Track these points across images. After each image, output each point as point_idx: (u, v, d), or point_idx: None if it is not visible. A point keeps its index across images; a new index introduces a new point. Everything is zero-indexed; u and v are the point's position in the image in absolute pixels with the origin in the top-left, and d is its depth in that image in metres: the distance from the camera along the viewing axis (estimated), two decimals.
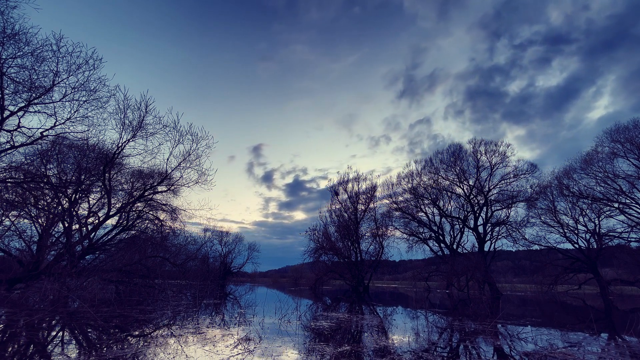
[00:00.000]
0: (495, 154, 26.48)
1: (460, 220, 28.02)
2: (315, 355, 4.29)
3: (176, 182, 15.92)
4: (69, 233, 13.91)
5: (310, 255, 26.18)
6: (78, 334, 5.44)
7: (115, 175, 15.56)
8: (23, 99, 10.48)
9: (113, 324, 6.34)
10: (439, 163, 28.51)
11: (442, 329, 7.00)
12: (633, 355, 4.65)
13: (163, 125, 13.97)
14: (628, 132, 21.40)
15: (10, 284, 11.35)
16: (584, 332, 6.76)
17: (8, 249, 13.47)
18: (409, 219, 29.46)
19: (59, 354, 4.06)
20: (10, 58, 9.70)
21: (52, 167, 13.67)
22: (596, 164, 22.86)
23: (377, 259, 26.36)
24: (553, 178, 25.47)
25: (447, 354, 4.63)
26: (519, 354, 4.67)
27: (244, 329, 6.14)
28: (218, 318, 7.74)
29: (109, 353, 4.02)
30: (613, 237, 23.53)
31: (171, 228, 18.07)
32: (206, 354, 4.10)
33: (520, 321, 8.53)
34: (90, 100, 11.53)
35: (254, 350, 4.41)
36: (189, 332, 5.67)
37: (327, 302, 14.39)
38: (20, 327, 5.62)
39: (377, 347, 4.94)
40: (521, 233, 25.70)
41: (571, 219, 24.98)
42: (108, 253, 15.44)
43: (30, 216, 13.58)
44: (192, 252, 26.18)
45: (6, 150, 10.86)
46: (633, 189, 21.45)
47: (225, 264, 38.61)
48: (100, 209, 16.09)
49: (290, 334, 5.75)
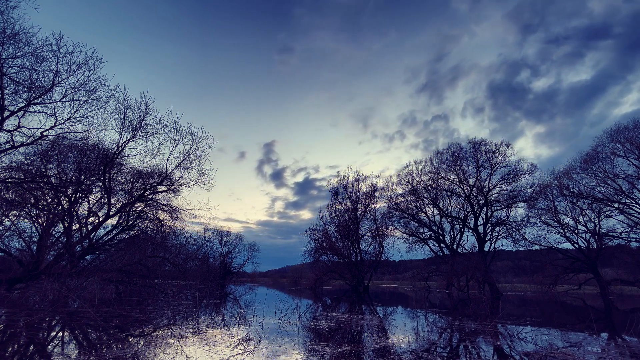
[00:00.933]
0: (495, 154, 26.49)
1: (460, 220, 28.03)
2: (315, 355, 4.29)
3: (176, 182, 15.94)
4: (69, 233, 13.92)
5: (310, 255, 26.21)
6: (78, 334, 5.44)
7: (115, 175, 15.56)
8: (23, 99, 10.48)
9: (113, 324, 6.34)
10: (439, 163, 28.54)
11: (442, 329, 7.00)
12: (633, 355, 4.65)
13: (163, 125, 13.99)
14: (628, 132, 21.39)
15: (10, 284, 11.35)
16: (584, 332, 6.76)
17: (8, 249, 13.47)
18: (409, 219, 29.47)
19: (59, 354, 4.05)
20: (10, 58, 9.70)
21: (52, 167, 13.67)
22: (596, 164, 22.86)
23: (377, 259, 26.36)
24: (553, 178, 25.50)
25: (447, 354, 4.63)
26: (519, 354, 4.67)
27: (244, 329, 6.14)
28: (218, 318, 7.73)
29: (109, 353, 4.02)
30: (613, 237, 23.53)
31: (171, 228, 18.08)
32: (206, 354, 4.10)
33: (520, 321, 8.52)
34: (90, 100, 11.54)
35: (254, 350, 4.41)
36: (189, 332, 5.67)
37: (327, 302, 14.39)
38: (20, 327, 5.61)
39: (377, 347, 4.94)
40: (521, 233, 25.72)
41: (571, 219, 25.00)
42: (108, 253, 15.45)
43: (30, 216, 13.58)
44: (192, 252, 26.20)
45: (6, 150, 10.87)
46: (633, 189, 21.44)
47: (225, 264, 38.62)
48: (100, 209, 16.11)
49: (290, 334, 5.74)
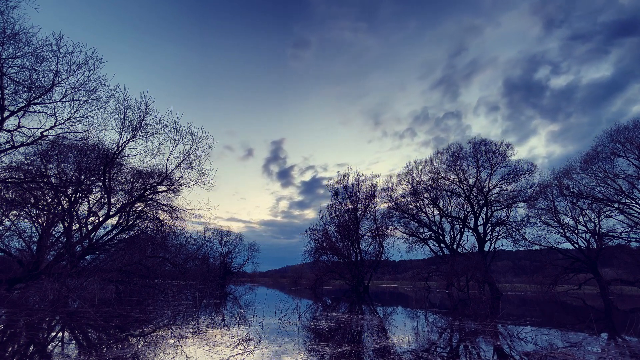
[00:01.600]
0: (495, 154, 26.49)
1: (460, 220, 28.03)
2: (315, 355, 4.29)
3: (176, 182, 15.94)
4: (69, 233, 13.92)
5: (310, 255, 26.21)
6: (78, 334, 5.44)
7: (115, 175, 15.56)
8: (23, 99, 10.48)
9: (113, 324, 6.34)
10: (439, 163, 28.55)
11: (442, 329, 6.99)
12: (633, 355, 4.65)
13: (163, 125, 14.00)
14: (628, 132, 21.39)
15: (10, 284, 11.35)
16: (584, 332, 6.76)
17: (8, 249, 13.47)
18: (409, 219, 29.47)
19: (59, 354, 4.05)
20: (10, 58, 9.70)
21: (52, 167, 13.67)
22: (596, 164, 22.86)
23: (377, 259, 26.36)
24: (553, 178, 25.51)
25: (447, 354, 4.63)
26: (519, 354, 4.67)
27: (244, 329, 6.14)
28: (218, 318, 7.73)
29: (109, 353, 4.02)
30: (613, 237, 23.52)
31: (171, 228, 18.07)
32: (206, 354, 4.10)
33: (520, 321, 8.52)
34: (90, 100, 11.54)
35: (254, 350, 4.41)
36: (189, 332, 5.67)
37: (327, 302, 14.39)
38: (20, 327, 5.61)
39: (377, 347, 4.94)
40: (521, 233, 25.72)
41: (571, 219, 25.00)
42: (108, 253, 15.44)
43: (30, 216, 13.58)
44: (192, 252, 26.19)
45: (6, 150, 10.87)
46: (633, 188, 21.43)
47: (225, 264, 38.63)
48: (100, 209, 16.11)
49: (290, 334, 5.74)
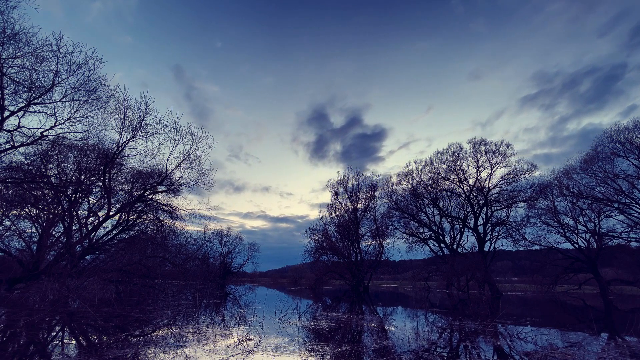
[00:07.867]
0: (495, 154, 26.45)
1: (460, 220, 28.01)
2: (315, 355, 4.29)
3: (176, 182, 15.94)
4: (69, 233, 13.92)
5: (311, 255, 26.23)
6: (78, 334, 5.44)
7: (115, 175, 15.56)
8: (23, 99, 10.48)
9: (113, 324, 6.34)
10: (439, 163, 28.51)
11: (442, 329, 6.99)
12: (633, 355, 4.65)
13: (163, 125, 14.00)
14: (628, 132, 21.41)
15: (10, 284, 11.34)
16: (584, 332, 6.76)
17: (8, 249, 13.47)
18: (409, 219, 29.45)
19: (59, 354, 4.05)
20: (10, 58, 9.70)
21: (52, 167, 13.67)
22: (596, 164, 22.85)
23: (377, 259, 26.37)
24: (553, 178, 25.52)
25: (447, 354, 4.63)
26: (519, 354, 4.67)
27: (244, 329, 6.14)
28: (218, 318, 7.73)
29: (109, 353, 4.02)
30: (613, 237, 23.54)
31: (171, 228, 18.08)
32: (206, 354, 4.10)
33: (520, 321, 8.52)
34: (90, 100, 11.55)
35: (254, 350, 4.41)
36: (189, 332, 5.67)
37: (327, 302, 14.38)
38: (20, 327, 5.61)
39: (377, 347, 4.94)
40: (521, 233, 25.70)
41: (571, 219, 25.01)
42: (108, 253, 15.44)
43: (30, 216, 13.58)
44: (192, 252, 26.23)
45: (6, 150, 10.87)
46: (633, 189, 21.43)
47: (225, 264, 38.66)
48: (100, 209, 16.12)
49: (290, 334, 5.74)
